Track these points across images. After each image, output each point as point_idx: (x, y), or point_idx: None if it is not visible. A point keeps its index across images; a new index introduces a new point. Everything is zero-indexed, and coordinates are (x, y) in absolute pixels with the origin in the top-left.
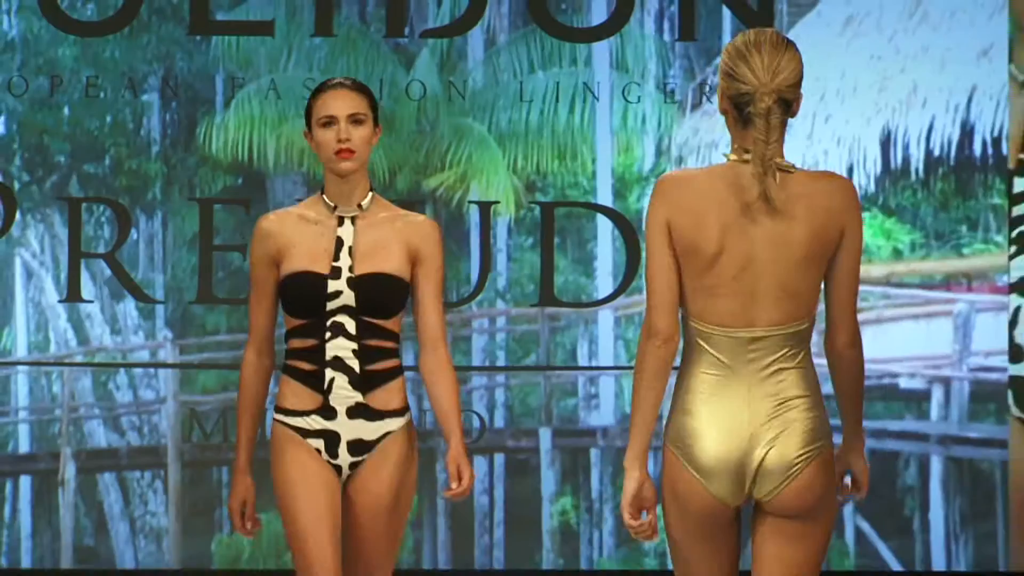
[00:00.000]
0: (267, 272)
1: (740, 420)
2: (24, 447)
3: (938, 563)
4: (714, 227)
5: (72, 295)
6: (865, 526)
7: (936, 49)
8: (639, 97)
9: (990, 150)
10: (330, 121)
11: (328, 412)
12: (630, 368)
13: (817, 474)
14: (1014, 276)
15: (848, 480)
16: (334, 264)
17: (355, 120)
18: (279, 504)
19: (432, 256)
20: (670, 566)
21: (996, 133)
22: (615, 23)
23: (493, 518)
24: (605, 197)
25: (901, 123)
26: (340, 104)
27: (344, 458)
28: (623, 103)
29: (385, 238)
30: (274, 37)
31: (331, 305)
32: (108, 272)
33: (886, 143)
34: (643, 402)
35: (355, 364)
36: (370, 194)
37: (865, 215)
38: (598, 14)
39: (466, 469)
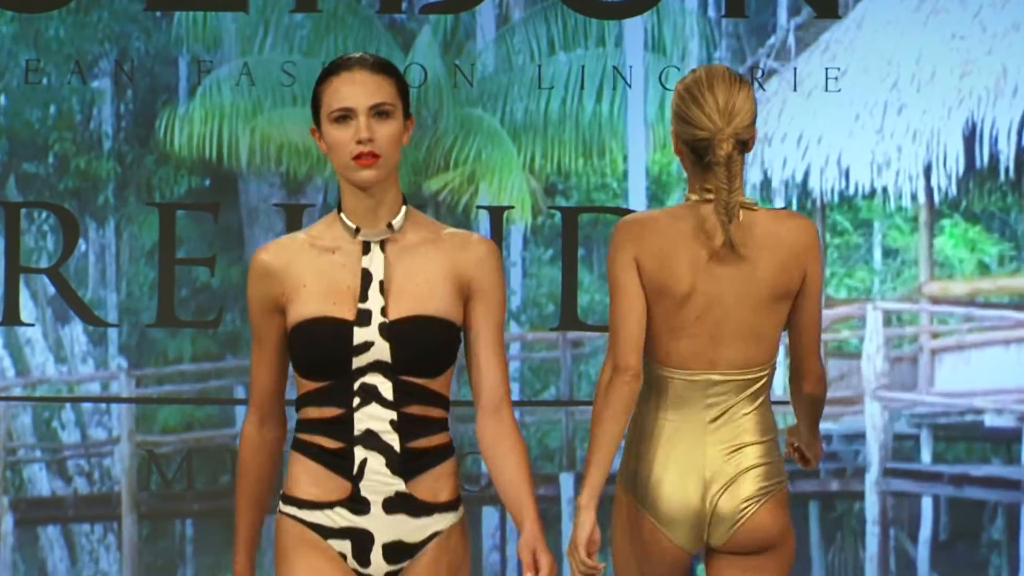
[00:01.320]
0: (271, 321)
1: (697, 466)
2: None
3: None
4: (683, 268)
5: (9, 317)
6: None
7: None
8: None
9: None
10: (346, 115)
11: (359, 504)
12: None
13: (769, 512)
14: None
15: (798, 448)
16: (361, 306)
17: (379, 112)
18: None
19: (491, 288)
20: None
21: None
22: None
23: None
24: (638, 201)
25: (988, 114)
26: (358, 92)
27: (378, 565)
28: (660, 91)
29: (426, 267)
30: (247, 12)
31: (359, 361)
32: (52, 290)
33: (970, 138)
34: (607, 436)
35: (394, 440)
36: (403, 209)
37: (945, 222)
38: None
39: (544, 556)
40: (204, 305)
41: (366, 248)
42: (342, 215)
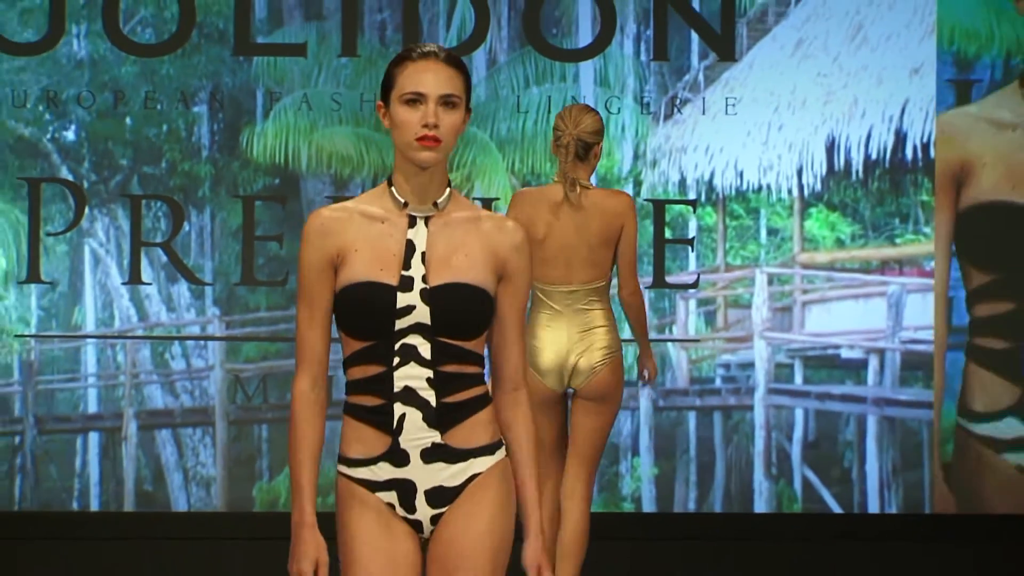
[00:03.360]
0: (323, 281)
1: (562, 340)
2: (93, 408)
3: (872, 507)
4: (541, 222)
5: (133, 278)
6: (810, 475)
7: (874, 68)
8: (619, 109)
9: (919, 155)
10: (417, 99)
11: (399, 457)
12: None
13: (609, 373)
14: None
15: (646, 373)
16: (404, 273)
17: (447, 102)
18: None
19: (522, 271)
20: (645, 509)
21: (925, 140)
22: (599, 45)
23: None
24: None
25: (843, 132)
26: (433, 80)
27: (423, 511)
28: (605, 114)
29: (466, 242)
30: (306, 57)
31: (401, 323)
32: (164, 258)
33: (831, 149)
34: None
35: (430, 396)
36: (447, 190)
37: (812, 210)
38: (584, 37)
39: (547, 572)
40: (275, 269)
41: (412, 222)
42: (392, 189)
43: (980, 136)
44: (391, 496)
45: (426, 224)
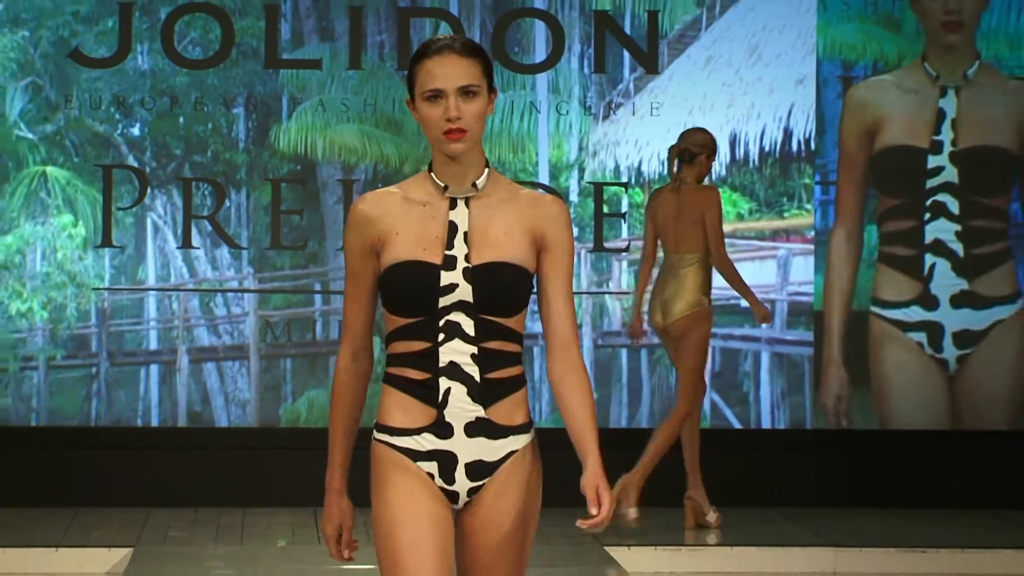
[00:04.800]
0: (366, 263)
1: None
2: (153, 346)
3: (765, 423)
4: (660, 209)
5: (185, 243)
6: (716, 398)
7: (767, 79)
8: (567, 111)
9: (803, 148)
10: (436, 95)
11: (443, 429)
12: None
13: (688, 320)
14: (929, 238)
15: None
16: (447, 253)
17: (466, 92)
18: (376, 539)
19: (561, 242)
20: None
21: (807, 136)
22: (551, 61)
23: None
24: (544, 178)
25: (743, 129)
26: (448, 74)
27: (462, 483)
28: (556, 115)
29: (506, 222)
30: (321, 70)
31: (445, 301)
32: (210, 228)
33: (733, 143)
34: None
35: (474, 371)
36: (486, 171)
37: (721, 191)
38: (539, 54)
39: (605, 494)
40: (296, 237)
41: (453, 204)
42: (432, 175)
43: (890, 98)
44: (432, 466)
45: (467, 205)
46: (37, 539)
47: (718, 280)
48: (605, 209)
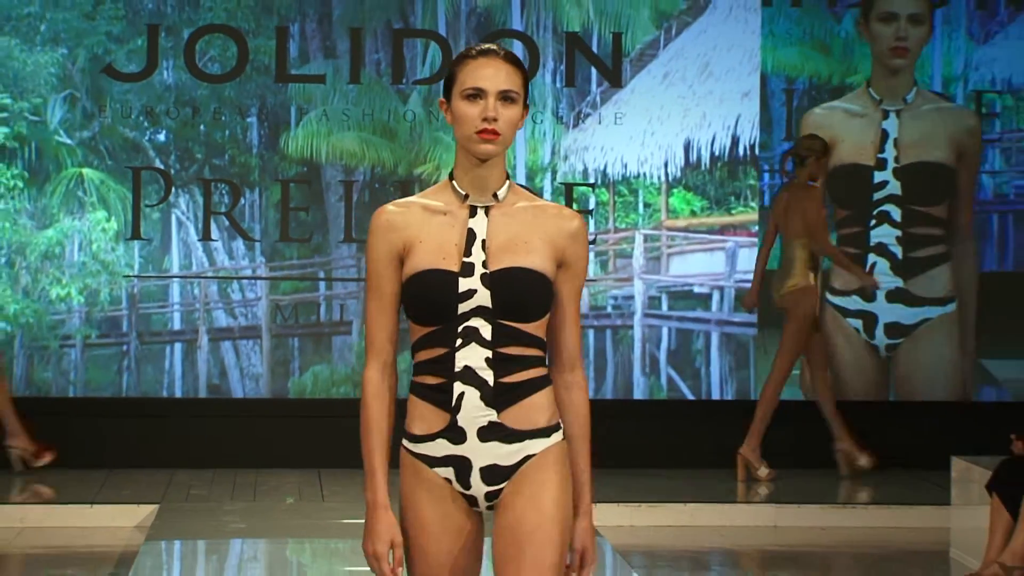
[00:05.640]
0: (391, 272)
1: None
2: (177, 326)
3: (715, 395)
4: (780, 203)
5: (205, 236)
6: (672, 373)
7: (717, 93)
8: (542, 120)
9: (748, 153)
10: (477, 94)
11: (456, 434)
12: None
13: (789, 300)
14: (873, 241)
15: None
16: (465, 260)
17: (506, 98)
18: (405, 542)
19: (580, 258)
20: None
21: (752, 143)
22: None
23: None
24: (521, 179)
25: (696, 136)
26: (492, 76)
27: (478, 487)
28: (532, 124)
29: (525, 230)
30: (325, 84)
31: (463, 307)
32: (227, 223)
33: (687, 148)
34: None
35: (488, 375)
36: (507, 182)
37: (675, 190)
38: None
39: (590, 555)
40: (303, 231)
41: (472, 212)
42: (453, 183)
43: (840, 122)
44: (448, 472)
45: (486, 214)
46: (74, 497)
47: (684, 267)
48: (575, 206)
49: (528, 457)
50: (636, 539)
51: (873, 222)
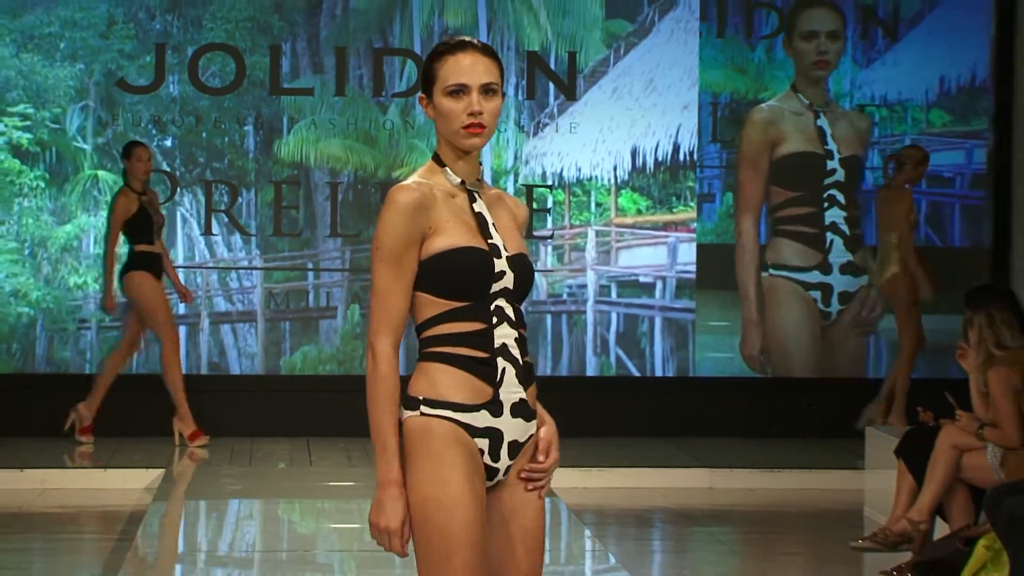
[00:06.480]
0: (411, 250)
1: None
2: (181, 310)
3: (659, 372)
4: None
5: (207, 231)
6: (620, 353)
7: (660, 105)
8: (506, 129)
9: (687, 159)
10: (460, 90)
11: (496, 407)
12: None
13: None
14: (827, 221)
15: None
16: (491, 242)
17: (488, 90)
18: (423, 513)
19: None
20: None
21: (691, 149)
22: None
23: None
24: (487, 180)
25: (641, 144)
26: (474, 71)
27: (504, 461)
28: (497, 132)
29: (506, 217)
30: (314, 96)
31: (495, 287)
32: (226, 219)
33: (634, 154)
34: None
35: (518, 355)
36: (481, 170)
37: (623, 191)
38: None
39: (556, 442)
40: (293, 226)
41: (472, 196)
42: (447, 169)
43: (784, 118)
44: (484, 443)
45: (481, 199)
46: (90, 462)
47: (631, 260)
48: (535, 205)
49: (531, 436)
50: (587, 499)
51: (825, 204)
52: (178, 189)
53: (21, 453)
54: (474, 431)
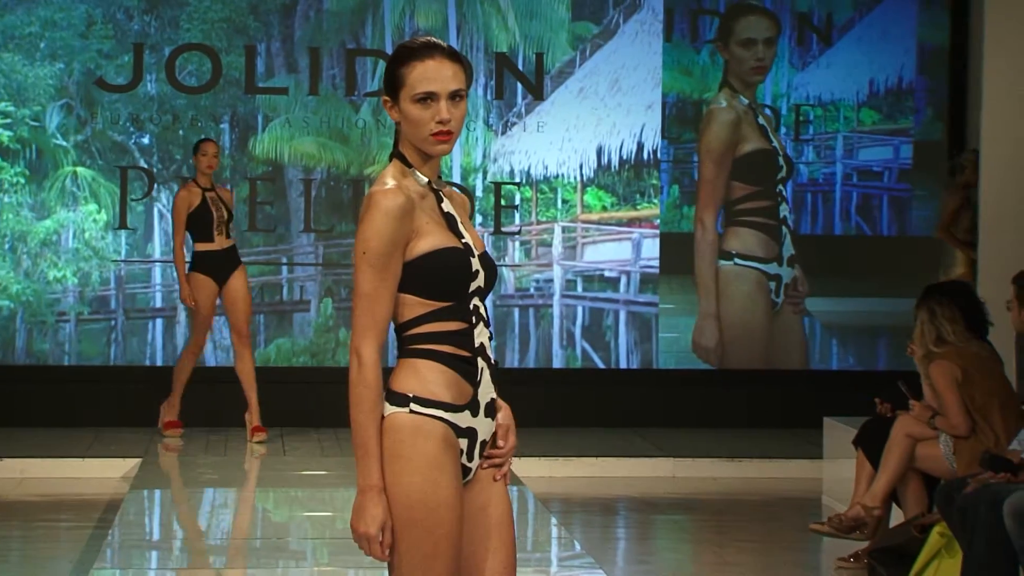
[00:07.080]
0: (397, 254)
1: None
2: (159, 304)
3: (623, 364)
4: None
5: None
6: (586, 345)
7: (625, 105)
8: (475, 127)
9: (651, 157)
10: (429, 97)
11: (475, 407)
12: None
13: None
14: (782, 215)
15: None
16: (463, 241)
17: (455, 96)
18: (412, 514)
19: None
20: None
21: (655, 148)
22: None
23: None
24: (456, 178)
25: (607, 143)
26: (442, 79)
27: (475, 461)
28: (466, 131)
29: (464, 214)
30: (288, 95)
31: (472, 286)
32: None
33: (599, 152)
34: None
35: (491, 354)
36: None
37: (589, 189)
38: None
39: (513, 426)
40: (268, 222)
41: (438, 197)
42: (414, 171)
43: (741, 113)
44: (464, 443)
45: (445, 199)
46: (69, 451)
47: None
48: (503, 202)
49: (493, 435)
50: (554, 488)
51: (779, 199)
52: (155, 185)
53: (0, 443)
54: (458, 431)
